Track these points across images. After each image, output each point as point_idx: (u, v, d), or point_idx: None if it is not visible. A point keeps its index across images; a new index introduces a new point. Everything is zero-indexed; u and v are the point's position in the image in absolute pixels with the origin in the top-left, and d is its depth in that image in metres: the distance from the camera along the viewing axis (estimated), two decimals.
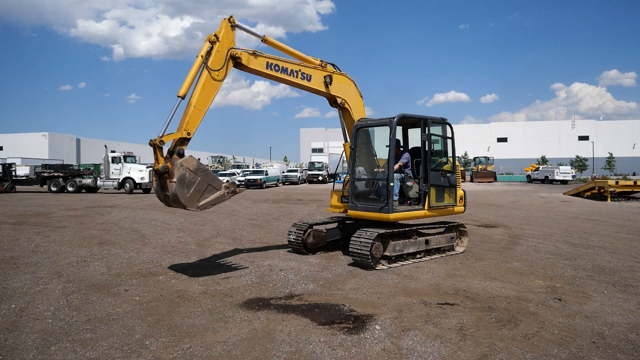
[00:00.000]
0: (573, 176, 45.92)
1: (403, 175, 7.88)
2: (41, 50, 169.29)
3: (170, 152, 5.90)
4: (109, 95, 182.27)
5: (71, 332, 4.43)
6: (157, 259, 7.84)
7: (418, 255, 7.77)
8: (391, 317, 4.84)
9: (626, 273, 6.91)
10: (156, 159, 5.86)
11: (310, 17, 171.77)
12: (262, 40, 7.41)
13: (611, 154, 70.47)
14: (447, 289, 5.99)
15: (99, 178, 29.61)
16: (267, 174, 38.83)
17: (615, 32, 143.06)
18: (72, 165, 36.53)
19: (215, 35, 6.37)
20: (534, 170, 49.46)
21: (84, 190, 29.64)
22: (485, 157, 57.49)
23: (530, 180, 48.82)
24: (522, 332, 4.45)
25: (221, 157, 67.37)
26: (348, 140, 8.41)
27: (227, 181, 6.33)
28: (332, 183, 9.49)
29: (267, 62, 7.02)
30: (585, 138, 79.42)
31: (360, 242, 7.00)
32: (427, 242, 7.85)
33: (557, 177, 43.47)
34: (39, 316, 4.88)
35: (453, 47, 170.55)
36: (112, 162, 28.81)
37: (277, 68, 7.14)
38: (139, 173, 28.37)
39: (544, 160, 70.52)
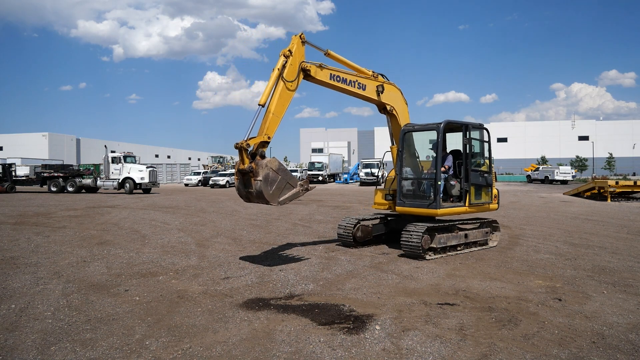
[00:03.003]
0: (573, 176, 45.93)
1: (447, 175, 8.42)
2: (42, 50, 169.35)
3: (253, 154, 6.51)
4: (109, 95, 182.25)
5: (71, 332, 4.43)
6: (157, 259, 7.84)
7: (459, 248, 8.42)
8: (391, 317, 4.84)
9: (626, 273, 6.91)
10: (242, 159, 6.44)
11: (311, 17, 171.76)
12: (324, 54, 8.04)
13: (611, 154, 70.44)
14: (447, 289, 5.99)
15: (99, 178, 29.62)
16: None
17: (615, 32, 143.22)
18: (72, 165, 36.54)
19: (289, 50, 7.09)
20: (534, 171, 49.46)
21: (84, 191, 29.65)
22: None
23: (530, 180, 48.83)
24: (522, 332, 4.45)
25: (221, 157, 67.40)
26: (395, 143, 9.06)
27: (301, 179, 7.14)
28: (376, 185, 10.31)
29: (331, 74, 7.79)
30: (585, 138, 79.41)
31: (412, 235, 7.66)
32: (466, 235, 8.48)
33: (557, 177, 43.47)
34: (39, 316, 4.88)
35: (453, 47, 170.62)
36: (112, 162, 28.82)
37: (338, 79, 7.92)
38: (139, 173, 28.38)
39: (543, 161, 70.51)
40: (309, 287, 6.05)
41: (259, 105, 6.71)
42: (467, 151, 8.29)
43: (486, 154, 8.91)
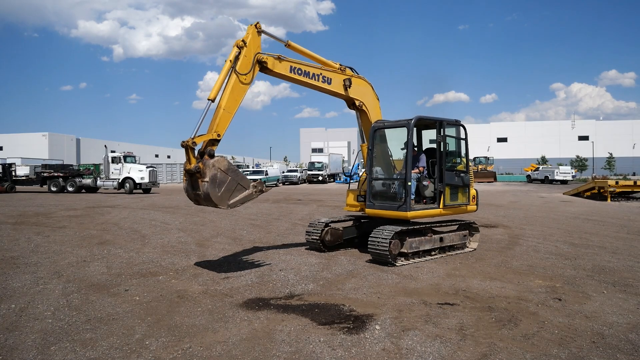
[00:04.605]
0: (573, 176, 45.89)
1: (419, 174, 8.04)
2: (42, 50, 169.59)
3: (201, 153, 6.10)
4: (109, 95, 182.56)
5: (71, 332, 4.43)
6: (157, 259, 7.84)
7: (433, 253, 7.98)
8: (391, 317, 4.84)
9: (626, 273, 6.91)
10: (188, 159, 6.04)
11: (311, 17, 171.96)
12: (285, 45, 7.60)
13: (611, 154, 70.44)
14: (447, 289, 5.99)
15: (99, 178, 29.60)
16: (267, 174, 38.84)
17: (615, 32, 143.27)
18: (72, 165, 36.52)
19: (242, 40, 6.61)
20: (534, 170, 49.44)
21: (83, 190, 29.63)
22: (485, 157, 57.49)
23: (530, 180, 48.80)
24: (522, 332, 4.45)
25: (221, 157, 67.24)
26: (365, 141, 8.58)
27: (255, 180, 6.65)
28: (349, 184, 9.78)
29: (291, 66, 7.30)
30: (585, 138, 79.41)
31: (379, 239, 7.18)
32: (441, 239, 8.05)
33: (557, 177, 43.45)
34: (39, 316, 4.88)
35: (453, 47, 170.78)
36: (112, 162, 28.78)
37: (300, 72, 7.42)
38: (139, 173, 28.35)
39: (543, 160, 70.49)
40: (309, 287, 6.05)
41: (208, 100, 6.22)
42: (442, 149, 7.82)
43: (463, 152, 8.41)
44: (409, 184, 7.40)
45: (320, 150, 78.37)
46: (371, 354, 3.92)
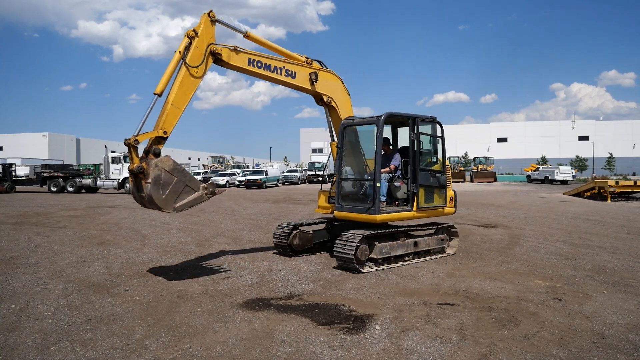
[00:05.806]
0: (573, 176, 45.90)
1: (391, 175, 7.62)
2: (42, 50, 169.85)
3: (146, 152, 5.73)
4: (109, 95, 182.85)
5: (71, 332, 4.43)
6: (157, 259, 7.83)
7: (406, 258, 7.56)
8: (391, 317, 4.84)
9: (626, 273, 6.91)
10: (131, 159, 5.70)
11: (311, 18, 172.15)
12: (244, 36, 7.18)
13: (611, 154, 70.44)
14: (447, 289, 5.99)
15: (99, 178, 29.60)
16: (267, 174, 38.81)
17: (615, 32, 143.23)
18: (72, 165, 36.53)
19: (194, 30, 6.19)
20: (534, 171, 49.44)
21: (84, 191, 29.64)
22: (485, 157, 57.52)
23: (530, 180, 48.79)
24: (522, 332, 4.45)
25: (221, 157, 67.45)
26: (335, 139, 8.13)
27: (208, 181, 6.28)
28: (321, 184, 9.15)
29: (250, 59, 6.82)
30: (585, 138, 79.41)
31: (345, 244, 6.76)
32: (415, 244, 7.63)
33: (557, 177, 43.45)
34: (39, 316, 4.88)
35: (453, 47, 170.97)
36: (112, 162, 28.80)
37: (259, 65, 6.93)
38: None
39: (544, 161, 70.49)
40: (309, 287, 6.05)
41: (155, 94, 5.73)
42: (415, 148, 7.32)
43: (439, 152, 7.94)
44: (378, 185, 6.92)
45: (320, 151, 78.39)
46: (371, 354, 3.92)
